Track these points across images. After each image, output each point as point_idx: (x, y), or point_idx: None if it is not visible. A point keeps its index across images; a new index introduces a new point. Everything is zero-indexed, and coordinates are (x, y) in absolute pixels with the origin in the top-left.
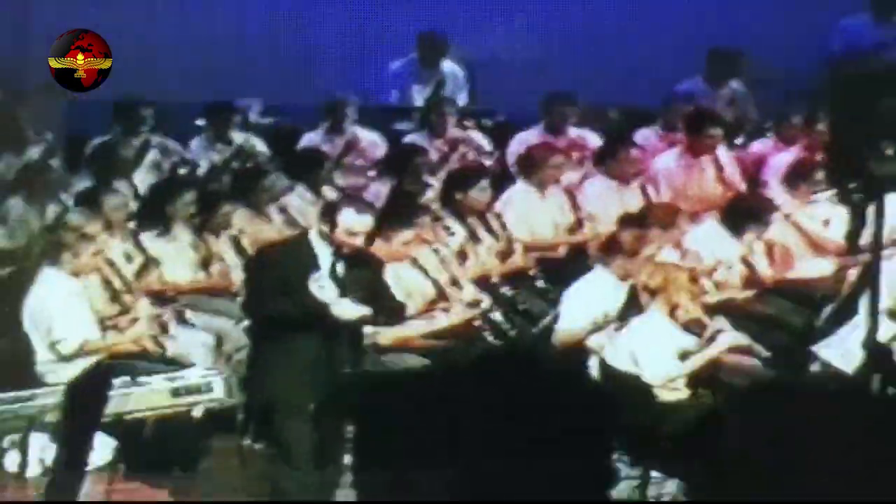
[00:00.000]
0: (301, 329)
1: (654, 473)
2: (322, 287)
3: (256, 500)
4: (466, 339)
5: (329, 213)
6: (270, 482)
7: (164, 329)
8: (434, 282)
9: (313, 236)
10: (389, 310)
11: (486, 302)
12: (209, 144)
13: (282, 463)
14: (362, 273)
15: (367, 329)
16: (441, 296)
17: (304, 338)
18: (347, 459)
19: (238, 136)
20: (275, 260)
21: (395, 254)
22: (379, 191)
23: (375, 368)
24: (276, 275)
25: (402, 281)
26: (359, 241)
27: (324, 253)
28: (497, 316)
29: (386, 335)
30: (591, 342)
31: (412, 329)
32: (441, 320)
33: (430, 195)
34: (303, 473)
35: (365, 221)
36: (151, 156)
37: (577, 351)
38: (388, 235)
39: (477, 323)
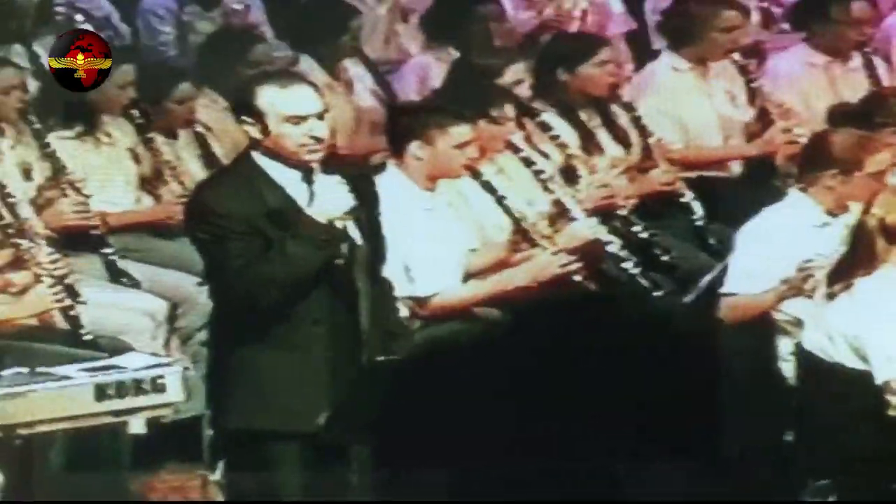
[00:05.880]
0: (302, 309)
1: None
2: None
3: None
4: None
5: (245, 107)
6: None
7: (75, 293)
8: (510, 212)
9: (257, 156)
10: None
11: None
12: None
13: None
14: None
15: (402, 291)
16: (522, 234)
17: (307, 319)
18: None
19: None
20: (225, 210)
21: (446, 166)
22: (429, 65)
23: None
24: (239, 234)
25: (461, 211)
26: (316, 137)
27: (285, 175)
28: (616, 270)
29: (435, 297)
30: (782, 316)
31: (475, 288)
32: (516, 274)
33: (515, 75)
34: None
35: (304, 96)
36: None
37: (759, 330)
38: (433, 136)
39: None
